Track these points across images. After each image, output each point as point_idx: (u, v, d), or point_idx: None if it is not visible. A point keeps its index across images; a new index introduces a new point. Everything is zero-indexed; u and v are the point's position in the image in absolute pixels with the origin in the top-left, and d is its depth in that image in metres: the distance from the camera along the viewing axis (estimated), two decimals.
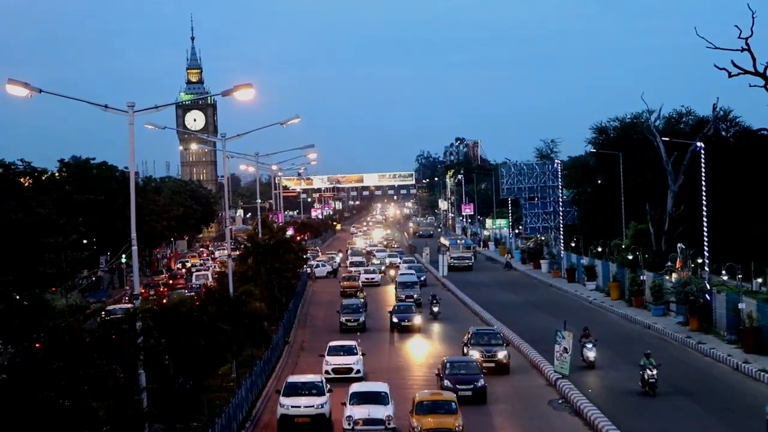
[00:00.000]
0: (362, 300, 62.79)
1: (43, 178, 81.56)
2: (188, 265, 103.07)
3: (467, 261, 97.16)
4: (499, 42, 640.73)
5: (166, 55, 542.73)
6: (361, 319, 56.56)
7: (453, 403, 31.47)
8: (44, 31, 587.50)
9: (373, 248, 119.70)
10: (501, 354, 41.54)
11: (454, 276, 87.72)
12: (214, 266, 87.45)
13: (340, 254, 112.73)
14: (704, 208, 52.51)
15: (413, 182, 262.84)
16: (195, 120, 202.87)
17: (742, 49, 64.03)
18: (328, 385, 34.77)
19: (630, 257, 65.31)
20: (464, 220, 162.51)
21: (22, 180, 75.61)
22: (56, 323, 22.37)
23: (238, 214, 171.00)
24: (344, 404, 32.26)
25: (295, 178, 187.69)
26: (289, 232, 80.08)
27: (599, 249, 76.63)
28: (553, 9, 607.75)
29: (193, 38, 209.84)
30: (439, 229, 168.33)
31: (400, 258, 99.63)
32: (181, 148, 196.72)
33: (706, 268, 52.08)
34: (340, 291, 72.04)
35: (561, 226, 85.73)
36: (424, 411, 30.92)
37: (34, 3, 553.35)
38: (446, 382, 36.27)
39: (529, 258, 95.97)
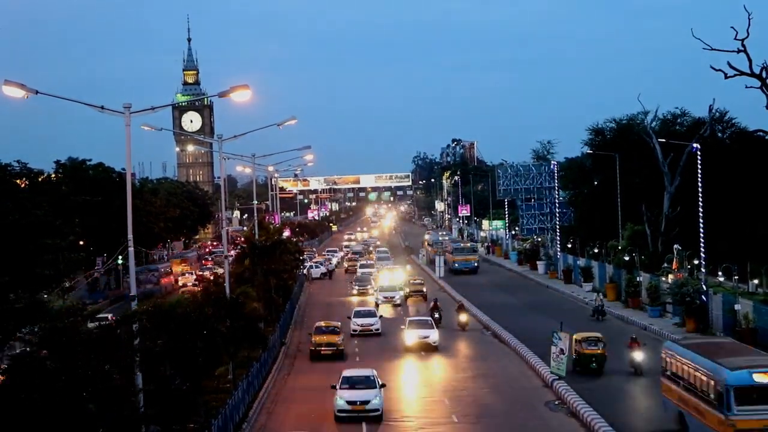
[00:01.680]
0: None
1: (40, 179, 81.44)
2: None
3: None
4: (495, 44, 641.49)
5: (163, 57, 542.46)
6: None
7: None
8: (40, 33, 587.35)
9: None
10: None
11: (451, 277, 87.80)
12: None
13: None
14: (700, 210, 52.53)
15: (410, 183, 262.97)
16: (191, 121, 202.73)
17: (739, 51, 64.26)
18: None
19: (626, 258, 65.35)
20: (461, 221, 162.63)
21: (18, 181, 75.52)
22: (53, 324, 22.38)
23: (234, 216, 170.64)
24: None
25: (292, 179, 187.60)
26: (286, 233, 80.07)
27: (596, 250, 76.65)
28: (549, 11, 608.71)
29: (189, 39, 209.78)
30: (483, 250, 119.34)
31: None
32: (177, 149, 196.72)
33: (703, 269, 52.09)
34: None
35: (557, 227, 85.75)
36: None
37: (30, 5, 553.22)
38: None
39: (525, 259, 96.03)
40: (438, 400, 38.23)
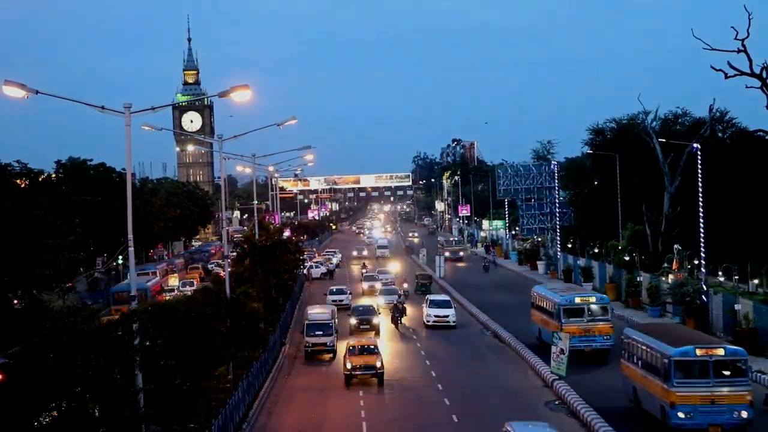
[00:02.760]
0: None
1: (40, 179, 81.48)
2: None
3: None
4: (495, 44, 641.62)
5: (163, 57, 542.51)
6: None
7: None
8: (41, 33, 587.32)
9: None
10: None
11: (451, 278, 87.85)
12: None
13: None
14: (701, 210, 52.49)
15: (410, 183, 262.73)
16: (192, 121, 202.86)
17: (739, 51, 64.16)
18: None
19: (627, 258, 65.33)
20: (461, 221, 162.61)
21: (18, 181, 75.55)
22: (53, 324, 22.36)
23: (234, 216, 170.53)
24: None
25: (292, 179, 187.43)
26: (286, 233, 79.95)
27: (596, 250, 76.63)
28: (549, 11, 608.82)
29: (189, 39, 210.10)
30: None
31: None
32: (177, 149, 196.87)
33: (703, 269, 52.06)
34: None
35: (558, 227, 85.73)
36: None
37: (30, 5, 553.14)
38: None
39: (525, 259, 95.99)
40: (438, 401, 38.21)
